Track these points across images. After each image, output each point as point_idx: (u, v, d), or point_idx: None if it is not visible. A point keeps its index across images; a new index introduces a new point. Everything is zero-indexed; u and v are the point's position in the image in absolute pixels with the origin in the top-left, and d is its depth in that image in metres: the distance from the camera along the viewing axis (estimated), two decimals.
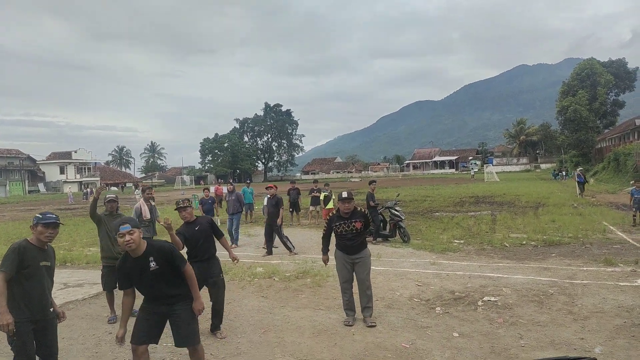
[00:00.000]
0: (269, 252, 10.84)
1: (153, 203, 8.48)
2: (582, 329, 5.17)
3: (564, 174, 48.84)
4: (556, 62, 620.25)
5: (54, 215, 3.83)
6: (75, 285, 8.36)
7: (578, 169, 28.29)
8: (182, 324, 3.91)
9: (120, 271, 3.83)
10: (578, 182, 24.36)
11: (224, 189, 18.61)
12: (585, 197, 23.02)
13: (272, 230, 10.99)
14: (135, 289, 3.94)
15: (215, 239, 5.76)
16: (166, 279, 3.84)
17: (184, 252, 5.45)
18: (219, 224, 13.85)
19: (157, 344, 4.14)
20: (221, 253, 5.82)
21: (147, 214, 7.95)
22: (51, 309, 3.91)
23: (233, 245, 12.31)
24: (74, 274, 9.37)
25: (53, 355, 3.89)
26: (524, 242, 10.82)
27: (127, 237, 3.65)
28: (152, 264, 3.75)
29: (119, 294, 6.42)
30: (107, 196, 6.61)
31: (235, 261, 5.98)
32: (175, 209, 5.77)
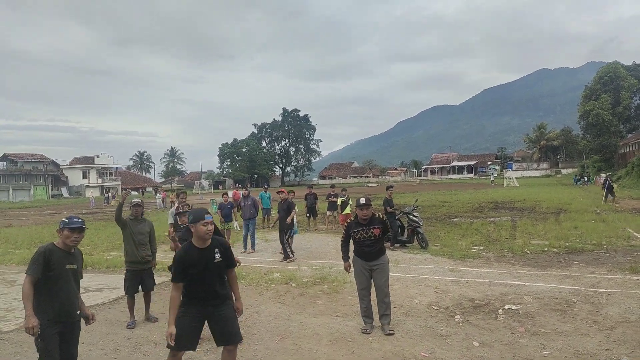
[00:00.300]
0: (286, 257, 10.83)
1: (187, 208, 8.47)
2: (608, 339, 5.02)
3: (586, 179, 47.88)
4: (578, 65, 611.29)
5: (79, 220, 3.92)
6: (96, 289, 8.46)
7: (606, 174, 27.40)
8: (228, 321, 3.93)
9: (181, 262, 3.81)
10: (607, 188, 23.20)
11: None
12: (615, 203, 21.82)
13: (284, 235, 10.98)
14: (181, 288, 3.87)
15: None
16: (221, 274, 3.94)
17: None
18: (237, 228, 13.92)
19: (195, 350, 4.11)
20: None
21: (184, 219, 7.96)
22: (78, 312, 3.96)
23: (250, 251, 12.35)
24: (95, 278, 9.47)
25: (72, 359, 3.93)
26: (546, 249, 10.60)
27: (210, 227, 3.81)
28: (217, 255, 3.87)
29: (139, 299, 6.52)
30: (133, 200, 6.69)
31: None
32: (175, 214, 5.76)
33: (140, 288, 6.49)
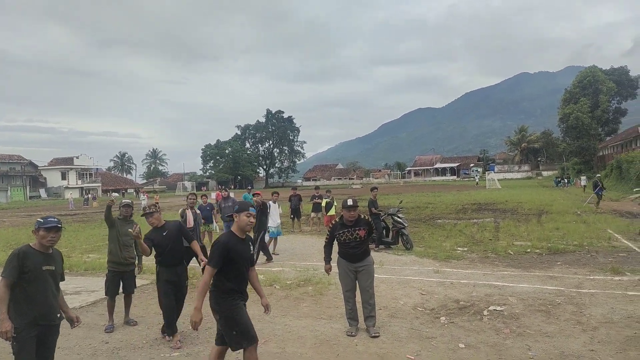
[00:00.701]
0: (269, 259, 10.70)
1: (198, 211, 7.97)
2: (592, 340, 5.03)
3: (566, 181, 48.66)
4: (557, 70, 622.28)
5: (55, 219, 3.79)
6: (73, 292, 8.21)
7: (595, 176, 26.66)
8: (251, 320, 4.06)
9: (225, 247, 3.83)
10: (596, 192, 21.76)
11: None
12: (597, 207, 20.72)
13: (262, 238, 10.76)
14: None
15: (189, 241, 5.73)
16: (248, 269, 4.10)
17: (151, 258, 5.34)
18: (217, 230, 13.73)
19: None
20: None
21: (190, 222, 7.57)
22: (58, 315, 3.80)
23: None
24: (72, 280, 9.21)
25: None
26: (529, 250, 10.67)
27: (252, 220, 4.01)
28: (251, 248, 4.11)
29: (119, 302, 6.35)
30: (123, 201, 6.52)
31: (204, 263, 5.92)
32: (141, 216, 5.62)
33: (121, 290, 6.31)
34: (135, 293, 7.88)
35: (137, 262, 6.42)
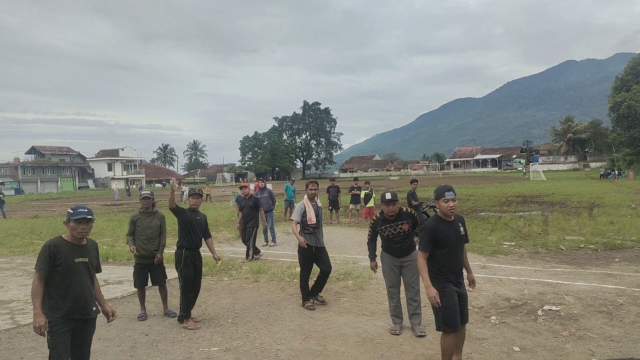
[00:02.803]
0: (248, 256, 10.08)
1: (319, 204, 6.69)
2: None
3: (617, 173, 46.25)
4: (606, 57, 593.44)
5: (85, 210, 3.61)
6: (115, 282, 8.30)
7: None
8: (466, 300, 4.26)
9: (432, 231, 4.04)
10: None
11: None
12: None
13: (251, 234, 10.23)
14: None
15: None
16: (463, 249, 4.25)
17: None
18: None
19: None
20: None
21: (312, 218, 6.33)
22: (94, 308, 3.68)
23: (272, 244, 12.07)
24: (115, 270, 9.35)
25: (84, 358, 3.68)
26: (582, 246, 10.04)
27: (451, 204, 4.05)
28: (462, 229, 4.21)
29: (153, 291, 6.31)
30: (142, 193, 6.45)
31: (219, 262, 6.24)
32: (190, 195, 6.02)
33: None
34: (174, 284, 7.90)
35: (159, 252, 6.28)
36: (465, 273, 4.31)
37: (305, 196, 6.64)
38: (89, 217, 3.59)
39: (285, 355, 4.71)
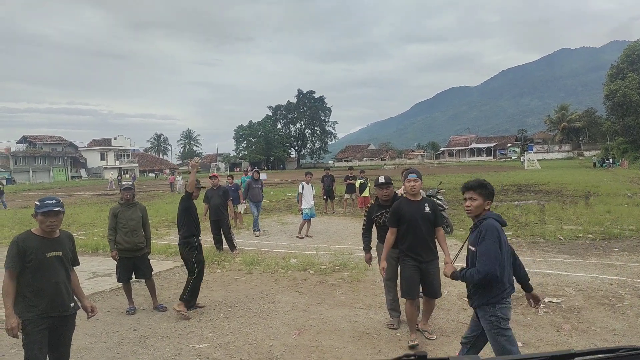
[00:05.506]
0: (234, 247, 9.66)
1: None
2: None
3: (611, 161, 46.28)
4: (601, 45, 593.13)
5: (53, 201, 3.36)
6: (104, 274, 8.08)
7: None
8: (435, 278, 4.69)
9: (396, 211, 4.64)
10: None
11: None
12: None
13: (220, 226, 9.81)
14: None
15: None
16: (431, 228, 4.64)
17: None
18: (242, 211, 13.46)
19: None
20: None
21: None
22: (72, 304, 3.47)
23: (256, 233, 11.80)
24: (105, 262, 9.10)
25: (63, 358, 3.48)
26: (580, 235, 9.91)
27: (413, 184, 4.58)
28: (427, 209, 4.61)
29: (142, 284, 6.12)
30: (123, 184, 6.25)
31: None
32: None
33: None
34: (165, 277, 7.71)
35: (145, 245, 6.09)
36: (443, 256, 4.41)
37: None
38: (57, 209, 3.34)
39: (279, 351, 4.53)
